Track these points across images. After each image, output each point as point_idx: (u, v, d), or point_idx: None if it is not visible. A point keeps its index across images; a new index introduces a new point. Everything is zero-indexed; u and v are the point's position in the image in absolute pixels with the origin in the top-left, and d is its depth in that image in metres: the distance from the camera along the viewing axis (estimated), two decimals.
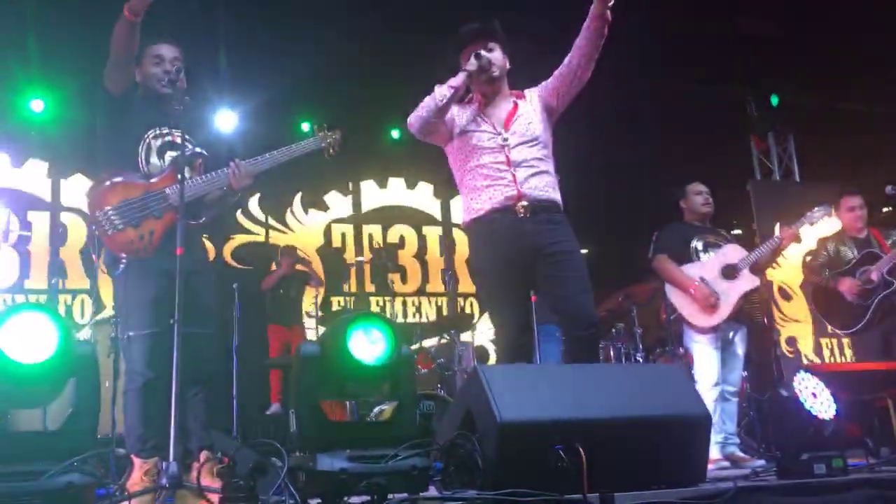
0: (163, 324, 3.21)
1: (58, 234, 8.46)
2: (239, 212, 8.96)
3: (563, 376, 2.83)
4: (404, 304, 9.49)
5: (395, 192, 10.26)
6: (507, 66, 3.84)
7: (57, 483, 2.01)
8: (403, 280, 9.71)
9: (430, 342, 7.43)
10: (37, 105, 8.31)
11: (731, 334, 5.19)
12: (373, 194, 10.17)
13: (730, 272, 5.15)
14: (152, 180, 3.51)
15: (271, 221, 9.44)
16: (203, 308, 3.60)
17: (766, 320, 9.49)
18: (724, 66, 8.69)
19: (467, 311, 9.31)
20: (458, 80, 3.63)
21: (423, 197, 10.37)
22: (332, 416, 3.23)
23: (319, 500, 2.33)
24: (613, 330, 7.12)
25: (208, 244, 4.12)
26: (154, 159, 3.61)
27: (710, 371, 5.06)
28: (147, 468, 3.33)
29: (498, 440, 2.44)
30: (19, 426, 2.84)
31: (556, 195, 3.75)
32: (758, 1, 8.07)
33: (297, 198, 9.64)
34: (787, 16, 8.03)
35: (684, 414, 2.70)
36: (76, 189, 8.50)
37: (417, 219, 10.26)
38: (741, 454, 4.99)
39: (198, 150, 3.66)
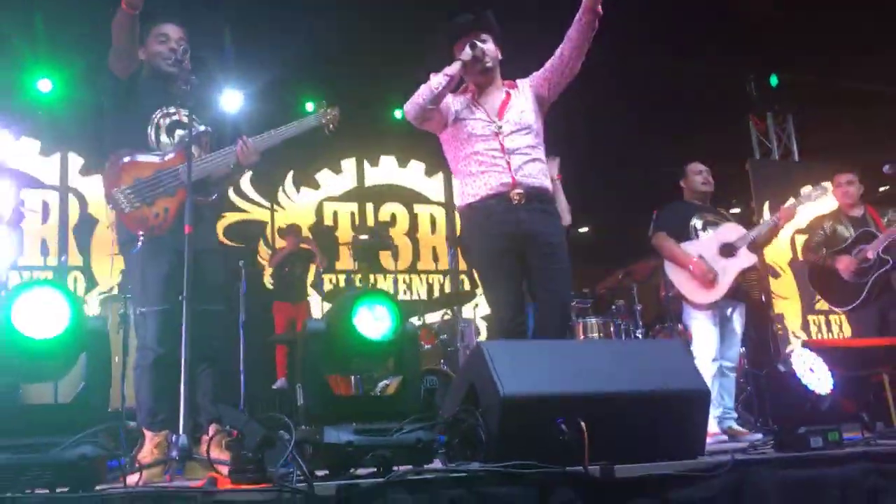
0: (174, 301, 3.22)
1: (66, 214, 8.50)
2: (231, 190, 8.91)
3: (565, 352, 2.84)
4: (395, 281, 9.52)
5: (388, 170, 10.27)
6: (500, 56, 3.88)
7: (69, 455, 2.02)
8: (394, 258, 9.73)
9: (432, 318, 7.46)
10: (44, 85, 8.30)
11: (728, 311, 5.20)
12: (365, 173, 10.18)
13: (728, 250, 5.15)
14: (165, 158, 3.52)
15: (261, 199, 9.45)
16: (212, 286, 3.63)
17: (763, 298, 9.51)
18: (725, 46, 8.64)
19: (467, 287, 9.32)
20: (453, 68, 3.69)
21: (414, 175, 10.37)
22: (337, 390, 3.25)
23: (326, 472, 2.35)
24: (613, 307, 7.11)
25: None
26: (164, 138, 3.63)
27: (708, 347, 5.06)
28: (158, 441, 3.36)
29: (501, 414, 2.45)
30: (31, 400, 2.85)
31: (548, 182, 3.82)
32: None
33: (289, 176, 9.66)
34: None
35: (683, 388, 2.70)
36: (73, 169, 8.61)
37: (409, 197, 10.27)
38: (739, 428, 5.01)
39: (204, 128, 3.65)
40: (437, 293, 9.71)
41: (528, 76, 3.95)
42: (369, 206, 10.06)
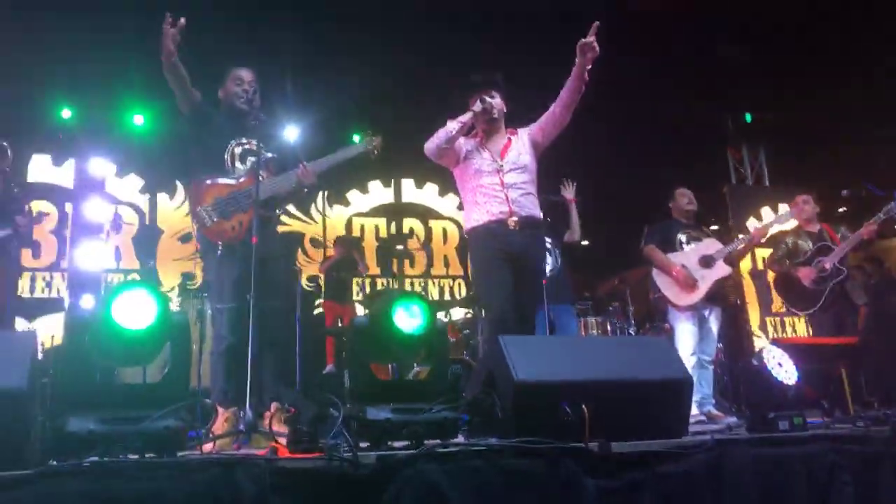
0: (244, 299, 3.26)
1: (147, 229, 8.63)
2: None
3: (570, 346, 2.84)
4: (411, 285, 9.49)
5: (407, 190, 10.20)
6: (505, 109, 4.03)
7: (156, 426, 2.05)
8: (412, 265, 9.69)
9: (457, 315, 7.46)
10: (138, 119, 8.43)
11: (706, 313, 5.20)
12: (386, 193, 10.13)
13: (707, 261, 5.18)
14: (239, 180, 3.56)
15: (299, 214, 9.43)
16: (275, 286, 3.66)
17: (738, 302, 9.41)
18: (706, 88, 8.62)
19: None
20: (466, 117, 3.87)
21: (429, 195, 10.32)
22: (378, 376, 3.25)
23: (368, 444, 2.35)
24: (610, 308, 7.08)
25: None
26: (238, 164, 3.67)
27: (688, 343, 5.07)
28: (228, 416, 3.38)
29: (514, 397, 2.45)
30: (125, 380, 2.89)
31: (539, 212, 3.95)
32: (735, 31, 8.00)
33: (321, 195, 9.59)
34: (760, 44, 7.94)
35: (670, 377, 2.68)
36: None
37: (424, 213, 10.21)
38: (716, 412, 4.97)
39: (270, 155, 3.69)
40: (447, 296, 9.68)
41: (528, 126, 4.07)
42: (384, 221, 10.00)
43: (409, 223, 10.05)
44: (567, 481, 2.28)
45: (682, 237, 5.36)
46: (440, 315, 7.29)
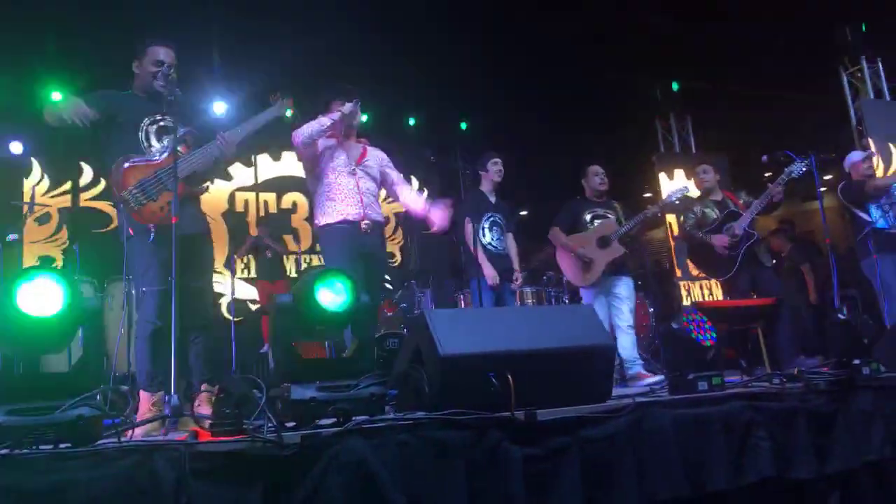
0: (167, 282, 3.16)
1: None
2: None
3: (494, 317, 2.84)
4: (297, 261, 9.42)
5: (288, 163, 9.81)
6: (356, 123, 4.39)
7: (68, 415, 1.98)
8: (297, 240, 9.54)
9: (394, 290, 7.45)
10: (55, 96, 8.04)
11: (612, 284, 5.44)
12: (269, 166, 9.83)
13: (604, 242, 5.43)
14: (161, 158, 3.43)
15: None
16: (203, 265, 3.58)
17: (668, 266, 9.64)
18: (633, 58, 8.72)
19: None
20: (336, 115, 4.15)
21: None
22: (307, 355, 3.22)
23: (294, 424, 2.33)
24: (545, 277, 7.15)
25: None
26: (154, 142, 3.54)
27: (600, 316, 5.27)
28: (154, 400, 3.31)
29: (440, 370, 2.45)
30: (43, 368, 2.78)
31: (382, 217, 4.32)
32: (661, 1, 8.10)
33: None
34: (684, 12, 8.06)
35: (592, 344, 2.73)
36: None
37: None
38: (644, 372, 5.12)
39: (184, 129, 3.54)
40: None
41: (383, 157, 4.47)
42: (272, 196, 9.70)
43: (292, 197, 9.77)
44: (493, 450, 2.31)
45: (588, 216, 5.61)
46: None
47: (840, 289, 4.86)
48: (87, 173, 8.54)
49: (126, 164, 3.37)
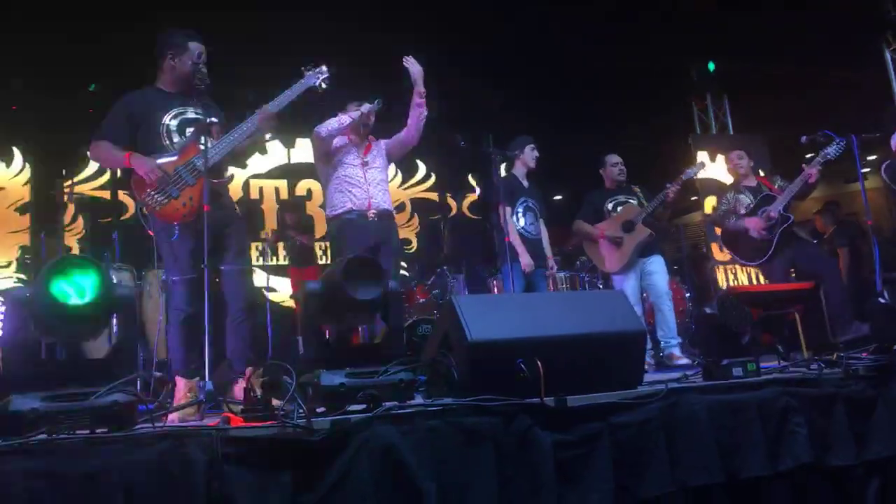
0: (199, 270, 3.20)
1: None
2: None
3: (524, 303, 2.82)
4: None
5: (302, 151, 9.66)
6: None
7: (103, 401, 2.02)
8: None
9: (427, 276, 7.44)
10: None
11: (646, 265, 5.49)
12: (282, 153, 9.71)
13: (628, 226, 5.48)
14: (184, 151, 3.45)
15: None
16: (238, 249, 3.60)
17: (704, 250, 9.50)
18: (670, 37, 8.55)
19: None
20: (356, 114, 4.47)
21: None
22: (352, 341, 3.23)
23: (324, 409, 2.34)
24: (578, 262, 7.10)
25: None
26: (175, 138, 3.54)
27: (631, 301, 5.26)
28: (191, 386, 3.36)
29: (469, 356, 2.44)
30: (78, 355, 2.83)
31: (391, 205, 4.59)
32: None
33: None
34: None
35: (623, 330, 2.69)
36: None
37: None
38: (678, 353, 5.09)
39: (212, 119, 3.56)
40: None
41: (384, 139, 4.75)
42: (283, 182, 9.60)
43: (307, 184, 9.64)
44: (523, 436, 2.29)
45: (610, 205, 5.68)
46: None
47: (882, 272, 4.74)
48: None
49: (141, 171, 3.38)
